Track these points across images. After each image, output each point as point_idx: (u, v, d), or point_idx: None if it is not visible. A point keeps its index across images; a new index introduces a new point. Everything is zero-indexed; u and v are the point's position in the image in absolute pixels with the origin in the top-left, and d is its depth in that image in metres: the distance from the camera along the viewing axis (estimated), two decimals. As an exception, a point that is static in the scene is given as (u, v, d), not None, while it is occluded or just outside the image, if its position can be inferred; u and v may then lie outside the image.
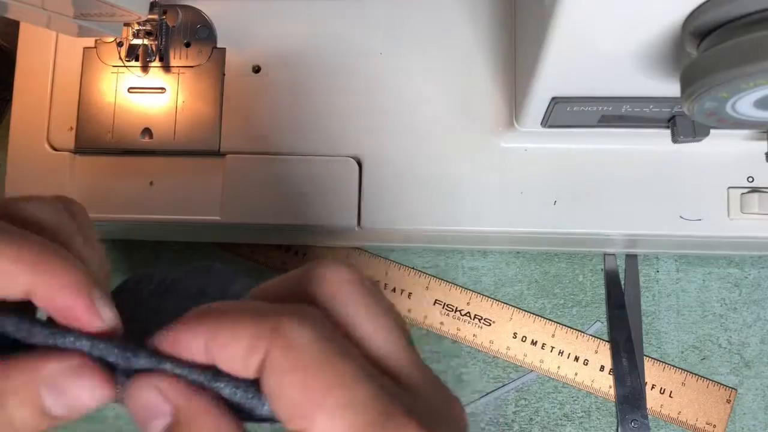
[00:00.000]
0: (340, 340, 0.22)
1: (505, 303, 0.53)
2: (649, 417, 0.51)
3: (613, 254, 0.54)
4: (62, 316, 0.23)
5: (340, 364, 0.21)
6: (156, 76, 0.48)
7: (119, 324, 0.24)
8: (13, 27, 0.52)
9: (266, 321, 0.21)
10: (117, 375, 0.24)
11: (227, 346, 0.21)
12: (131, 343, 0.24)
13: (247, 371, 0.21)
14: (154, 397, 0.22)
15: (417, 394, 0.22)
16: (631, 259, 0.54)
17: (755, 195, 0.45)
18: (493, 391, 0.52)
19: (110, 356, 0.23)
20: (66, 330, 0.23)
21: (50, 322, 0.24)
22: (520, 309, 0.53)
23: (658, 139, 0.45)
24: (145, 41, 0.48)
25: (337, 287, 0.23)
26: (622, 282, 0.53)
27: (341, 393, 0.20)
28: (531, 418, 0.52)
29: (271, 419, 0.22)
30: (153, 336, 0.24)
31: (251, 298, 0.25)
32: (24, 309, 0.23)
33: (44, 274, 0.23)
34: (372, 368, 0.22)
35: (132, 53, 0.48)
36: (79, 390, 0.23)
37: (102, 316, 0.23)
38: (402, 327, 0.24)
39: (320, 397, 0.20)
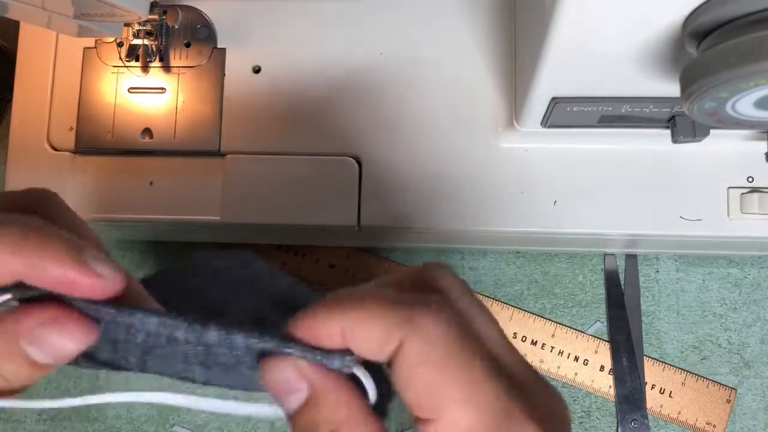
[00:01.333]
0: (470, 335, 0.23)
1: (505, 303, 0.53)
2: (649, 417, 0.51)
3: (613, 254, 0.54)
4: (62, 289, 0.24)
5: (470, 360, 0.22)
6: (156, 76, 0.49)
7: (124, 280, 0.25)
8: (13, 27, 0.52)
9: (401, 311, 0.22)
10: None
11: (364, 333, 0.22)
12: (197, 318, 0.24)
13: (381, 357, 0.22)
14: (293, 375, 0.23)
15: (530, 393, 0.23)
16: (631, 259, 0.54)
17: (755, 195, 0.45)
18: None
19: (178, 331, 0.24)
20: (132, 309, 0.24)
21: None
22: (520, 309, 0.53)
23: (658, 139, 0.45)
24: (146, 41, 0.48)
25: (454, 284, 0.24)
26: (622, 282, 0.53)
27: (470, 389, 0.21)
28: (531, 418, 0.52)
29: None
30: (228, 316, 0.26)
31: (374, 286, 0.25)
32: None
33: (27, 253, 0.23)
34: (497, 365, 0.22)
35: (132, 53, 0.48)
36: (59, 339, 0.24)
37: (99, 273, 0.24)
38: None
39: (450, 391, 0.21)
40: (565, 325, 0.53)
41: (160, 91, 0.48)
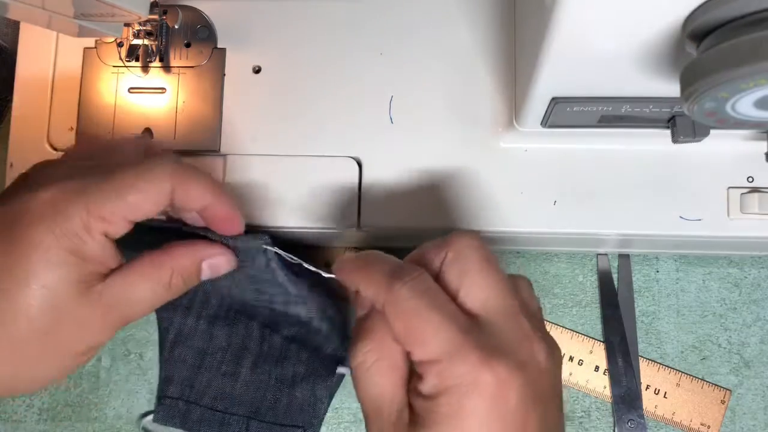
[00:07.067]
0: (433, 295, 0.32)
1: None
2: (646, 417, 0.51)
3: (605, 254, 0.54)
4: (202, 215, 0.38)
5: (428, 314, 0.31)
6: (156, 76, 0.49)
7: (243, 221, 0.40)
8: (13, 27, 0.52)
9: (385, 282, 0.33)
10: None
11: (365, 291, 0.35)
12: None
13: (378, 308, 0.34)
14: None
15: (491, 333, 0.32)
16: (624, 258, 0.54)
17: (755, 195, 0.45)
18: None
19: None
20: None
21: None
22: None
23: (658, 139, 0.45)
24: (146, 41, 0.48)
25: (459, 251, 0.34)
26: (615, 282, 0.53)
27: (428, 334, 0.31)
28: (531, 418, 0.52)
29: None
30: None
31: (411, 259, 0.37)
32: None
33: (179, 180, 0.35)
34: (456, 313, 0.32)
35: (132, 53, 0.48)
36: (225, 264, 0.39)
37: (232, 207, 0.38)
38: (506, 281, 0.34)
39: (414, 336, 0.32)
40: (560, 326, 0.53)
41: (160, 91, 0.48)
